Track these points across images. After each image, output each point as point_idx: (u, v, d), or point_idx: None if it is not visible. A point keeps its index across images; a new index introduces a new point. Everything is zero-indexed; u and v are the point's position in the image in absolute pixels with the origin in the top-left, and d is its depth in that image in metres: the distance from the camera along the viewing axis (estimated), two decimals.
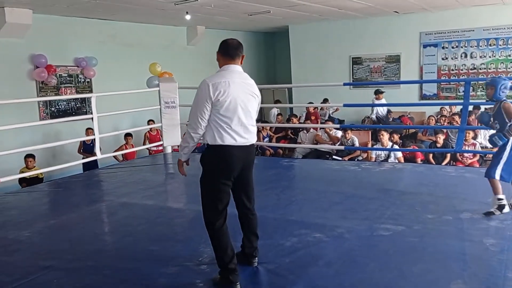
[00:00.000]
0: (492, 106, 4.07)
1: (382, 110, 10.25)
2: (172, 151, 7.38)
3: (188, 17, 8.88)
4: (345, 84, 7.93)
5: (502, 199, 3.85)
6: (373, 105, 10.19)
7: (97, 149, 6.18)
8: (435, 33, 10.89)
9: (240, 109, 2.75)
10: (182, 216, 4.37)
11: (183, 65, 10.27)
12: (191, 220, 4.11)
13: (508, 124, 3.77)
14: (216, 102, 2.70)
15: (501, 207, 3.84)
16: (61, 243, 3.63)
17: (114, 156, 8.09)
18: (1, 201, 5.05)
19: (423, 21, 10.89)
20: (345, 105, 7.06)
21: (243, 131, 2.78)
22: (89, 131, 7.81)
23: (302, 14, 10.25)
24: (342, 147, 7.63)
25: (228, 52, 2.85)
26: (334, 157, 7.83)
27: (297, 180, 6.08)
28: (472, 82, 9.32)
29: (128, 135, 8.51)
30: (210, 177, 2.77)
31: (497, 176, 3.82)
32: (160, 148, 8.49)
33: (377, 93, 10.08)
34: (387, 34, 11.32)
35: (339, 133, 8.32)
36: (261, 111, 11.94)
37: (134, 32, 9.97)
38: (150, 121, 8.96)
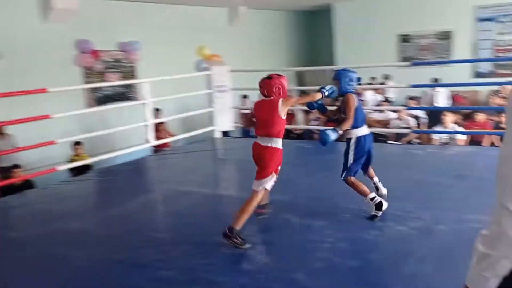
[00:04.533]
0: None
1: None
2: (222, 136, 7.19)
3: None
4: (415, 64, 7.99)
5: None
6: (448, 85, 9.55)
7: (149, 136, 6.03)
8: (491, 7, 10.22)
9: None
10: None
11: (224, 47, 10.00)
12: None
13: None
14: None
15: None
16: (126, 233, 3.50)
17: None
18: (58, 191, 4.98)
19: None
20: (413, 86, 7.01)
21: None
22: None
23: None
24: (407, 130, 7.12)
25: None
26: (389, 141, 7.39)
27: None
28: None
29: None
30: None
31: None
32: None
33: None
34: (438, 9, 10.71)
35: (393, 115, 7.91)
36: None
37: (175, 15, 9.76)
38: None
